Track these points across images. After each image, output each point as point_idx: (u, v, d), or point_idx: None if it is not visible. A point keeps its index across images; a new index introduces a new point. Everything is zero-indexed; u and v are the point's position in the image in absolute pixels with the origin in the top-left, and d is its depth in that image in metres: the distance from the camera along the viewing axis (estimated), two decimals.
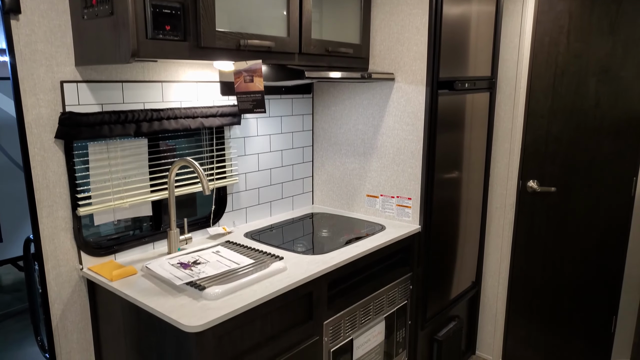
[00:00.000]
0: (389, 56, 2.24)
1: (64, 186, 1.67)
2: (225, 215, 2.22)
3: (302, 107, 2.53)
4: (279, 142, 2.44)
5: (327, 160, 2.58)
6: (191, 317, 1.40)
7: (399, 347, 2.30)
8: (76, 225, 1.71)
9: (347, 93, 2.42)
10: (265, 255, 1.83)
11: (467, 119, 2.43)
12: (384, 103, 2.30)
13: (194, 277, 1.61)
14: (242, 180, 2.28)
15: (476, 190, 2.65)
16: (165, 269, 1.67)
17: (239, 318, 1.50)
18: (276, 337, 1.65)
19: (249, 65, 1.71)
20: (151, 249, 1.95)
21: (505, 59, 2.58)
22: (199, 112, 1.97)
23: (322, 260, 1.84)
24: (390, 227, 2.26)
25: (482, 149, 2.64)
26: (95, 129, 1.67)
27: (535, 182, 2.64)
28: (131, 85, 1.80)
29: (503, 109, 2.63)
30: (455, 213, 2.49)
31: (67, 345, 1.74)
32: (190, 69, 1.97)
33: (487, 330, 2.89)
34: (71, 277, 1.72)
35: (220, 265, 1.71)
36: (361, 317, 2.02)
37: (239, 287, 1.58)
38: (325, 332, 1.84)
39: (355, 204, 2.51)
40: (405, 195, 2.30)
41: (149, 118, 1.81)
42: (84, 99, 1.68)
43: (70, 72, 1.63)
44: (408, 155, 2.25)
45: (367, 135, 2.39)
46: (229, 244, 1.96)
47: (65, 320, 1.72)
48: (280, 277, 1.68)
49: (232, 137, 2.19)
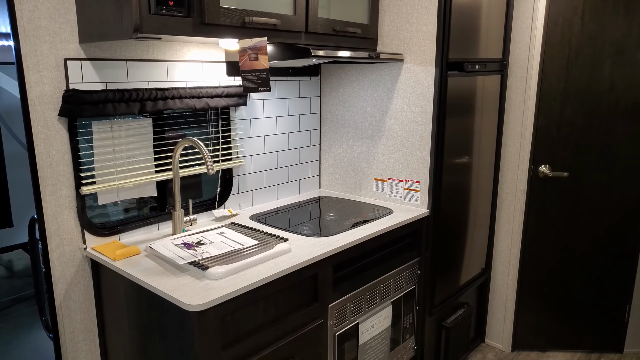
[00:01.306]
0: (398, 37, 2.20)
1: (68, 165, 1.65)
2: (231, 198, 2.20)
3: (309, 89, 2.49)
4: (286, 124, 2.41)
5: (335, 143, 2.55)
6: (193, 296, 1.38)
7: (406, 333, 2.27)
8: (80, 205, 1.70)
9: (355, 75, 2.38)
10: (269, 237, 1.81)
11: (477, 102, 2.38)
12: (392, 85, 2.26)
13: (197, 257, 1.59)
14: (248, 162, 2.26)
15: (486, 175, 2.60)
16: (168, 249, 1.65)
17: (242, 298, 1.48)
18: (280, 319, 1.64)
19: (253, 42, 1.68)
20: (155, 229, 1.94)
21: (517, 41, 2.52)
22: (204, 92, 1.95)
23: (328, 242, 1.82)
24: (398, 211, 2.22)
25: (493, 133, 2.59)
26: (99, 107, 1.65)
27: (547, 167, 2.59)
28: (135, 64, 1.78)
29: (514, 92, 2.57)
30: (465, 198, 2.45)
31: (70, 325, 1.74)
32: (196, 49, 1.95)
33: (497, 317, 2.85)
34: (75, 257, 1.71)
35: (224, 246, 1.69)
36: (367, 301, 1.99)
37: (243, 268, 1.57)
38: (330, 315, 1.82)
39: (362, 188, 2.48)
40: (414, 179, 2.26)
41: (153, 97, 1.79)
42: (88, 77, 1.66)
43: (74, 50, 1.61)
44: (417, 137, 2.21)
45: (375, 118, 2.35)
46: (233, 226, 1.95)
47: (69, 300, 1.72)
48: (285, 258, 1.66)
49: (237, 118, 2.17)
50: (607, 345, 2.77)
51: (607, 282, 2.67)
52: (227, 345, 1.47)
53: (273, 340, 1.61)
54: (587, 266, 2.67)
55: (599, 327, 2.75)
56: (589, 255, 2.66)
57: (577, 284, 2.71)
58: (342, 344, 1.89)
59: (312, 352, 1.75)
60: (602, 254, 2.64)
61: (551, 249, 2.69)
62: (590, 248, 2.65)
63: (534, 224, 2.68)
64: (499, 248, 2.78)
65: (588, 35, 2.42)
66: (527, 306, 2.79)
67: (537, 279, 2.74)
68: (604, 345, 2.77)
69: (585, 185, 2.58)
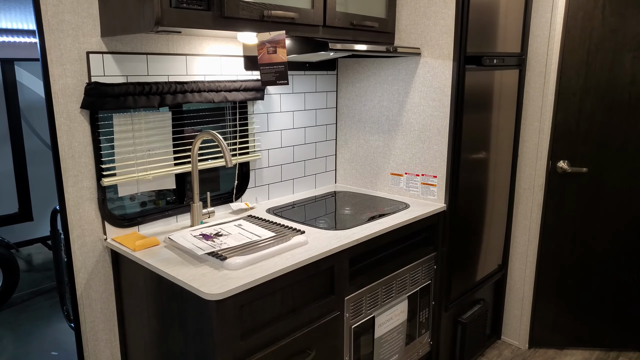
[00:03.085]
0: (415, 31, 2.19)
1: (89, 156, 1.68)
2: (248, 191, 2.22)
3: (326, 83, 2.50)
4: (303, 119, 2.42)
5: (351, 138, 2.55)
6: (212, 286, 1.40)
7: (421, 328, 2.27)
8: (100, 196, 1.73)
9: (372, 69, 2.38)
10: (286, 229, 1.82)
11: (495, 97, 2.36)
12: (410, 79, 2.25)
13: (216, 247, 1.61)
14: (265, 156, 2.27)
15: (504, 170, 2.58)
16: (187, 240, 1.67)
17: (259, 289, 1.49)
18: (297, 310, 1.65)
19: (272, 36, 1.69)
20: (174, 222, 1.97)
21: (535, 35, 2.50)
22: (223, 86, 1.96)
23: (344, 235, 1.82)
24: (415, 206, 2.22)
25: (511, 128, 2.57)
26: (120, 100, 1.68)
27: (566, 163, 2.56)
28: (155, 57, 1.80)
29: (533, 87, 2.55)
30: (482, 193, 2.43)
31: (91, 314, 1.77)
32: (215, 43, 1.97)
33: (514, 314, 2.83)
34: (95, 247, 1.74)
35: (241, 238, 1.71)
36: (383, 295, 1.99)
37: (260, 259, 1.58)
38: (346, 307, 1.83)
39: (378, 183, 2.48)
40: (431, 173, 2.26)
41: (172, 90, 1.81)
42: (109, 70, 1.69)
43: (96, 43, 1.64)
44: (434, 131, 2.21)
45: (392, 112, 2.35)
46: (251, 218, 1.96)
47: (90, 289, 1.75)
48: (302, 250, 1.67)
49: (255, 112, 2.18)
50: (627, 343, 2.73)
51: (627, 279, 2.63)
52: (245, 335, 1.48)
53: (289, 331, 1.62)
54: (606, 262, 2.64)
55: (618, 325, 2.71)
56: (609, 252, 2.63)
57: (596, 281, 2.68)
58: (357, 336, 1.90)
59: (328, 344, 1.76)
60: (621, 250, 2.60)
61: (569, 245, 2.66)
62: (610, 244, 2.61)
63: (551, 220, 2.65)
64: (516, 244, 2.76)
65: (609, 28, 2.39)
66: (545, 303, 2.77)
67: (554, 275, 2.72)
68: (624, 343, 2.74)
69: (605, 181, 2.54)
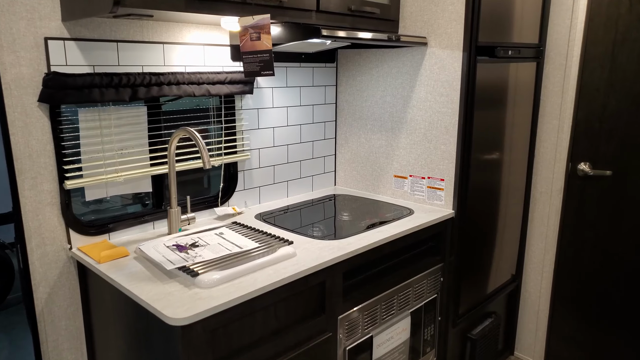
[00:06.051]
0: (422, 18, 1.98)
1: (50, 156, 1.50)
2: (236, 195, 2.02)
3: (324, 77, 2.29)
4: (298, 115, 2.21)
5: (351, 136, 2.34)
6: (178, 308, 1.21)
7: (426, 346, 2.06)
8: (64, 200, 1.54)
9: (375, 61, 2.17)
10: (272, 239, 1.62)
11: (509, 92, 2.14)
12: (415, 72, 2.04)
13: (189, 261, 1.41)
14: (255, 156, 2.07)
15: (518, 173, 2.36)
16: (158, 251, 1.48)
17: (236, 310, 1.29)
18: (282, 332, 1.45)
19: (255, 20, 1.49)
20: (151, 228, 1.78)
21: (555, 24, 2.26)
22: (205, 78, 1.77)
23: (338, 246, 1.62)
24: (420, 212, 2.01)
25: (527, 127, 2.34)
26: (84, 93, 1.49)
27: (587, 165, 2.32)
28: (128, 45, 1.61)
29: (552, 81, 2.32)
30: (494, 197, 2.21)
31: (54, 332, 1.58)
32: (196, 30, 1.77)
33: (528, 328, 2.60)
34: (58, 258, 1.56)
35: (220, 249, 1.51)
36: (383, 312, 1.79)
37: (238, 274, 1.38)
38: (340, 327, 1.62)
39: (381, 186, 2.27)
40: (438, 176, 2.04)
41: (147, 83, 1.62)
42: (73, 59, 1.50)
43: (56, 28, 1.45)
44: (441, 130, 1.99)
45: (396, 109, 2.13)
46: (234, 226, 1.76)
47: (52, 304, 1.57)
48: (288, 264, 1.47)
49: (243, 107, 1.98)
50: None
51: None
52: None
53: (273, 355, 1.42)
54: (630, 274, 2.40)
55: None
56: (633, 263, 2.39)
57: (618, 293, 2.44)
58: (353, 359, 1.70)
59: None
60: None
61: (590, 255, 2.42)
62: (635, 254, 2.38)
63: (570, 227, 2.42)
64: (531, 253, 2.53)
65: (637, 16, 2.15)
66: (562, 316, 2.54)
67: (573, 286, 2.49)
68: None
69: (630, 185, 2.31)
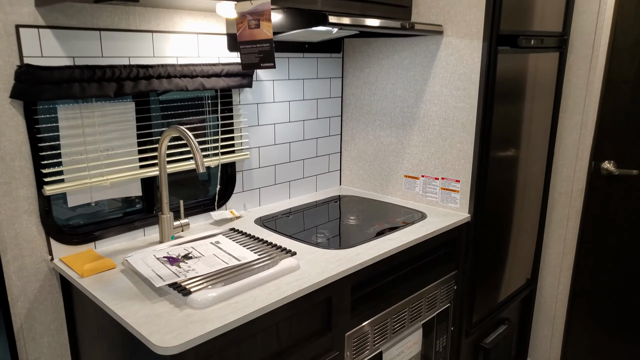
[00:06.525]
0: (437, 4, 1.81)
1: (26, 159, 1.34)
2: (234, 197, 1.87)
3: (329, 68, 2.12)
4: (301, 110, 2.05)
5: (359, 133, 2.18)
6: (167, 334, 1.06)
7: (438, 358, 1.92)
8: (43, 207, 1.39)
9: (385, 52, 2.01)
10: (273, 249, 1.48)
11: (528, 85, 1.97)
12: (429, 63, 1.87)
13: (180, 276, 1.27)
14: (255, 155, 1.92)
15: (536, 172, 2.20)
16: (147, 264, 1.34)
17: (233, 333, 1.15)
18: (284, 354, 1.31)
19: (254, 6, 1.33)
20: (141, 235, 1.63)
21: (581, 11, 2.09)
22: (199, 70, 1.61)
23: (346, 257, 1.47)
24: (433, 215, 1.86)
25: (546, 123, 2.18)
26: (63, 88, 1.33)
27: (612, 164, 2.17)
28: (112, 34, 1.45)
29: (575, 73, 2.15)
30: (510, 199, 2.06)
31: (35, 350, 1.44)
32: (190, 17, 1.61)
33: (543, 334, 2.47)
34: (39, 270, 1.41)
35: (215, 262, 1.36)
36: (393, 326, 1.64)
37: (235, 292, 1.24)
38: (347, 345, 1.48)
39: (390, 186, 2.11)
40: (453, 177, 1.89)
41: (134, 76, 1.46)
42: (49, 50, 1.34)
43: (29, 15, 1.29)
44: (458, 127, 1.83)
45: (408, 103, 1.97)
46: (232, 233, 1.62)
47: (33, 320, 1.42)
48: (291, 279, 1.33)
49: (242, 102, 1.83)
50: None
51: None
52: None
53: None
54: None
55: None
56: None
57: None
58: None
59: None
60: None
61: (612, 260, 2.28)
62: None
63: (591, 230, 2.27)
64: (548, 256, 2.38)
65: None
66: (580, 323, 2.39)
67: (593, 293, 2.34)
68: None
69: None
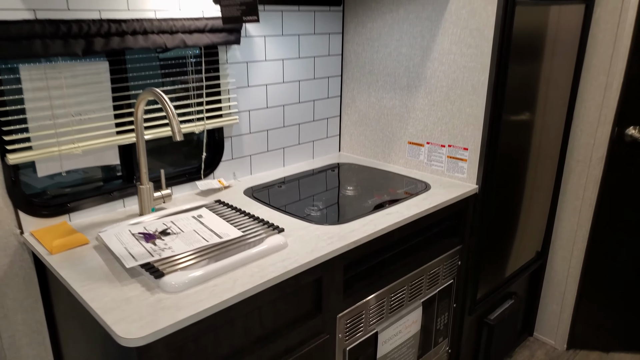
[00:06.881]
0: None
1: None
2: (223, 165, 1.75)
3: (328, 23, 1.94)
4: (296, 70, 1.89)
5: (360, 95, 2.02)
6: (133, 322, 0.96)
7: (438, 336, 1.82)
8: (9, 177, 1.28)
9: (389, 5, 1.82)
10: (260, 225, 1.36)
11: (547, 42, 1.78)
12: (438, 17, 1.69)
13: (155, 255, 1.16)
14: (245, 119, 1.77)
15: (553, 137, 2.03)
16: (121, 241, 1.23)
17: (209, 320, 1.05)
18: (269, 339, 1.21)
19: None
20: (120, 207, 1.52)
21: None
22: (180, 25, 1.45)
23: (339, 233, 1.35)
24: (437, 186, 1.72)
25: (566, 84, 1.99)
26: (22, 45, 1.19)
27: (638, 129, 1.99)
28: None
29: (602, 28, 1.94)
30: (523, 168, 1.91)
31: (9, 327, 1.37)
32: None
33: (552, 309, 2.36)
34: (7, 244, 1.31)
35: (195, 239, 1.25)
36: (391, 305, 1.54)
37: (214, 274, 1.13)
38: (339, 327, 1.38)
39: (393, 154, 1.97)
40: (460, 145, 1.73)
41: (105, 32, 1.31)
42: (5, 2, 1.19)
43: None
44: (468, 89, 1.66)
45: (413, 62, 1.80)
46: (217, 205, 1.50)
47: (5, 297, 1.34)
48: (277, 259, 1.21)
49: (229, 61, 1.67)
50: None
51: None
52: None
53: None
54: None
55: None
56: None
57: None
58: (354, 359, 1.47)
59: None
60: None
61: (631, 235, 2.13)
62: None
63: (610, 201, 2.12)
64: (561, 229, 2.24)
65: None
66: (591, 299, 2.28)
67: (607, 268, 2.21)
68: None
69: None
